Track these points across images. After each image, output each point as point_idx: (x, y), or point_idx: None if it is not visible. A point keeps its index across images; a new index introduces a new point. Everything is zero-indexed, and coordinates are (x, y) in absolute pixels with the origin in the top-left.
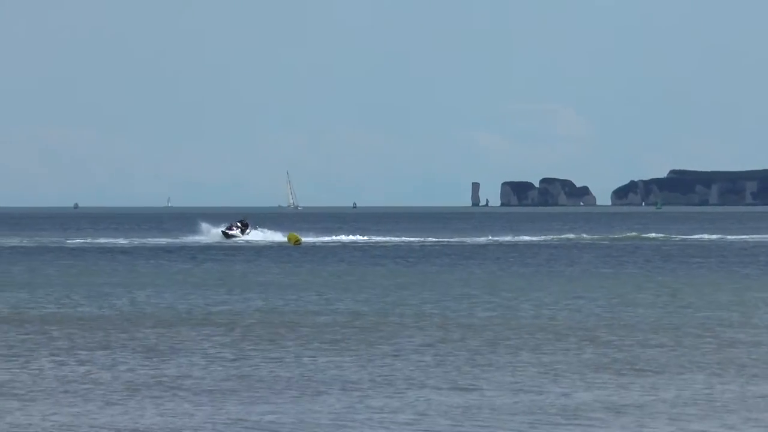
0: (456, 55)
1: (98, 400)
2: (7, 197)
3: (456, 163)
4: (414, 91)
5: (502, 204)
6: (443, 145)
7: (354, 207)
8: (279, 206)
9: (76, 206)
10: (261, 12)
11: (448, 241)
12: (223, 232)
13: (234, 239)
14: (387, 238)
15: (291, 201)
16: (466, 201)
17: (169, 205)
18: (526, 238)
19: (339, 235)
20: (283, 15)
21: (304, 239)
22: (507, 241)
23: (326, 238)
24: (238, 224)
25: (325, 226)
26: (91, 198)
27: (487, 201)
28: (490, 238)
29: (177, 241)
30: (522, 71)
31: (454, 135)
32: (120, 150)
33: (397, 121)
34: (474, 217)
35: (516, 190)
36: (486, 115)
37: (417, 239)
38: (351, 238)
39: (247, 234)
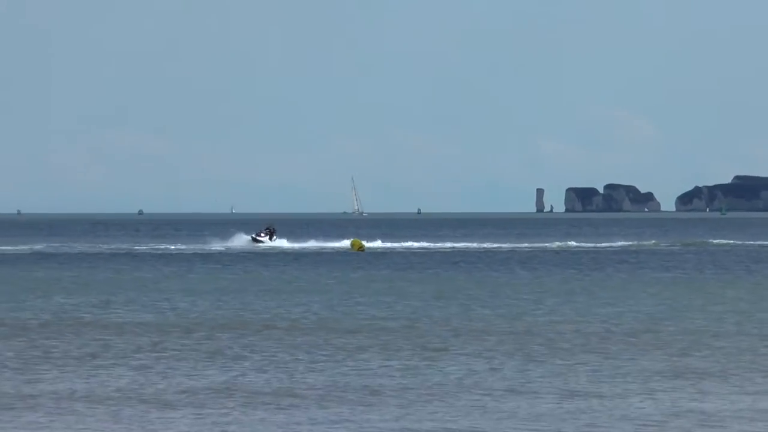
0: (520, 61)
1: (158, 404)
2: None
3: (520, 169)
4: (478, 97)
5: (567, 210)
6: (507, 151)
7: (418, 213)
8: (344, 212)
9: (140, 212)
10: (327, 17)
11: (511, 247)
12: (253, 238)
13: (262, 245)
14: (449, 244)
15: (356, 207)
16: (530, 207)
17: (233, 211)
18: (586, 244)
19: (407, 241)
20: (348, 20)
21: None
22: (569, 247)
23: (389, 244)
24: (266, 230)
25: (387, 232)
26: (151, 204)
27: (552, 207)
28: (534, 244)
29: (234, 245)
30: (586, 77)
31: (518, 141)
32: (180, 156)
33: (462, 126)
34: (537, 223)
35: (580, 196)
36: (550, 121)
37: (475, 244)
38: (412, 244)
39: (274, 240)
